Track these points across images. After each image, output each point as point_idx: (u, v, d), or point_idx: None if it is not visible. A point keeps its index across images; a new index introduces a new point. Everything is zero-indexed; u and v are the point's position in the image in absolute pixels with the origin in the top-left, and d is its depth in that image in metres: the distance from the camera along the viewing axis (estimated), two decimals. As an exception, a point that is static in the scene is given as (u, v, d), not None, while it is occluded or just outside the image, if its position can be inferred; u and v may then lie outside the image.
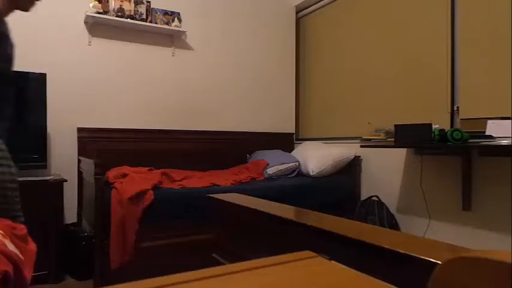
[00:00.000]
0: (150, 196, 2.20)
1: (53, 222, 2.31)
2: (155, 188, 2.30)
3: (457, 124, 2.49)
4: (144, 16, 3.08)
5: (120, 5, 2.97)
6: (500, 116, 2.16)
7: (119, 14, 2.96)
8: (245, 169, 3.12)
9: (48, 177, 2.40)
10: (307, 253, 0.58)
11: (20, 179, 2.28)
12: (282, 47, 3.86)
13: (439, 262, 0.50)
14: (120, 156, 2.93)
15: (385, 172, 2.99)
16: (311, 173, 3.02)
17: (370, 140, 2.92)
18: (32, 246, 1.34)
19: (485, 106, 2.33)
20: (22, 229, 1.37)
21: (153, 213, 2.19)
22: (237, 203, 1.07)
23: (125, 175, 2.47)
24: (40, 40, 2.77)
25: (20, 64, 2.63)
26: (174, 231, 2.28)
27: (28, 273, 1.21)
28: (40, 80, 2.56)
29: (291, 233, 0.85)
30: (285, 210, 0.96)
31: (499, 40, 2.26)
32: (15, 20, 2.67)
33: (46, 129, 2.59)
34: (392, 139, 2.44)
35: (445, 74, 2.58)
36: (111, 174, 2.47)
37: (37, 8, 2.73)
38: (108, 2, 2.95)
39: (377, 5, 3.15)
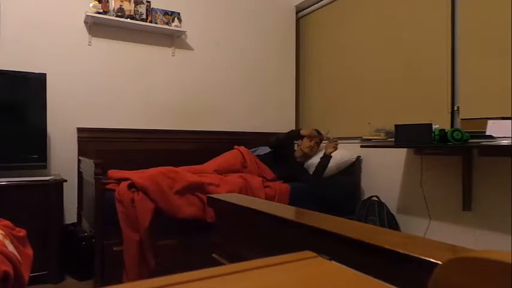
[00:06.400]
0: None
1: (53, 222, 2.31)
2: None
3: (457, 124, 2.49)
4: (144, 16, 3.08)
5: (120, 5, 2.97)
6: (500, 116, 2.16)
7: (119, 14, 2.96)
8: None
9: (48, 177, 2.40)
10: (307, 253, 0.58)
11: (20, 179, 2.29)
12: (282, 47, 3.86)
13: (439, 262, 0.50)
14: (120, 156, 2.92)
15: (385, 172, 2.99)
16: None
17: (370, 140, 2.92)
18: (29, 250, 1.35)
19: (485, 106, 2.33)
20: (21, 231, 1.38)
21: (154, 213, 2.18)
22: (237, 203, 1.07)
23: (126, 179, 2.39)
24: (40, 40, 2.77)
25: (20, 64, 2.64)
26: (174, 231, 2.28)
27: (26, 274, 1.21)
28: (40, 80, 2.56)
29: (291, 233, 0.85)
30: (285, 210, 0.96)
31: (499, 40, 2.26)
32: (15, 20, 2.68)
33: (46, 130, 2.58)
34: (393, 139, 2.44)
35: (445, 74, 2.57)
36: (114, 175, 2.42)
37: (37, 8, 2.74)
38: (108, 2, 2.95)
39: (377, 5, 3.15)
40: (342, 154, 3.11)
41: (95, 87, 2.97)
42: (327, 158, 2.93)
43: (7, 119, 2.47)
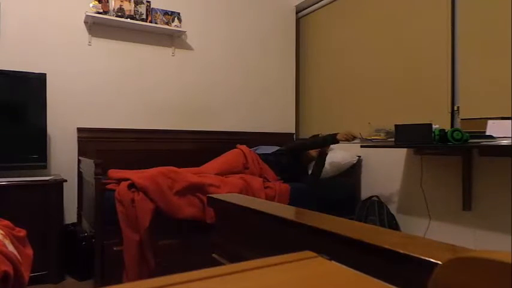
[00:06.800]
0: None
1: (53, 222, 2.31)
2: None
3: (457, 124, 2.49)
4: (144, 16, 3.08)
5: (120, 5, 2.97)
6: (500, 116, 2.16)
7: (119, 14, 2.96)
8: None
9: (48, 177, 2.40)
10: (307, 253, 0.58)
11: (20, 179, 2.29)
12: (282, 47, 3.86)
13: (439, 262, 0.50)
14: (120, 157, 2.92)
15: (385, 172, 2.99)
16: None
17: (370, 140, 2.92)
18: (29, 250, 1.35)
19: (485, 106, 2.33)
20: (21, 231, 1.38)
21: (154, 213, 2.18)
22: (237, 203, 1.07)
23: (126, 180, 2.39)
24: (40, 40, 2.77)
25: (20, 64, 2.64)
26: (174, 231, 2.28)
27: (26, 274, 1.21)
28: (40, 80, 2.56)
29: (291, 233, 0.85)
30: (285, 210, 0.96)
31: (499, 40, 2.26)
32: (15, 19, 2.68)
33: (46, 130, 2.59)
34: (393, 139, 2.44)
35: (445, 74, 2.58)
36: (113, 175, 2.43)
37: (37, 8, 2.74)
38: (108, 2, 2.95)
39: (377, 5, 3.15)
40: (343, 156, 3.10)
41: (95, 87, 2.97)
42: (322, 156, 2.93)
43: (7, 119, 2.47)
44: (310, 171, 3.04)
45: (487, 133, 2.06)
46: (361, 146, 2.82)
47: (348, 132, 2.70)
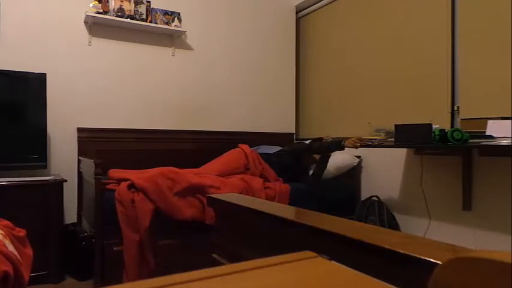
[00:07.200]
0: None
1: (53, 222, 2.31)
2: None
3: (457, 124, 2.49)
4: (144, 16, 3.08)
5: (120, 5, 2.97)
6: (500, 116, 2.16)
7: (119, 14, 2.96)
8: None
9: (48, 177, 2.40)
10: (307, 253, 0.58)
11: (20, 179, 2.29)
12: (282, 47, 3.86)
13: (439, 262, 0.50)
14: (120, 157, 2.92)
15: (385, 172, 2.98)
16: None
17: (370, 140, 2.91)
18: (29, 250, 1.35)
19: (485, 106, 2.33)
20: (21, 231, 1.38)
21: (154, 213, 2.18)
22: (237, 203, 1.07)
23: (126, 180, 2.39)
24: (40, 40, 2.77)
25: (20, 64, 2.64)
26: (174, 231, 2.28)
27: (26, 274, 1.21)
28: (40, 80, 2.56)
29: (291, 233, 0.85)
30: (285, 210, 0.96)
31: (499, 40, 2.26)
32: (15, 20, 2.68)
33: (46, 129, 2.59)
34: (393, 139, 2.44)
35: (445, 74, 2.58)
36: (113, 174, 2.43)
37: (37, 8, 2.74)
38: (108, 2, 2.95)
39: (377, 5, 3.15)
40: (344, 158, 3.10)
41: (94, 87, 2.97)
42: (324, 158, 2.92)
43: (7, 119, 2.47)
44: (311, 172, 3.04)
45: (487, 133, 2.06)
46: (361, 146, 2.82)
47: (356, 139, 2.54)
